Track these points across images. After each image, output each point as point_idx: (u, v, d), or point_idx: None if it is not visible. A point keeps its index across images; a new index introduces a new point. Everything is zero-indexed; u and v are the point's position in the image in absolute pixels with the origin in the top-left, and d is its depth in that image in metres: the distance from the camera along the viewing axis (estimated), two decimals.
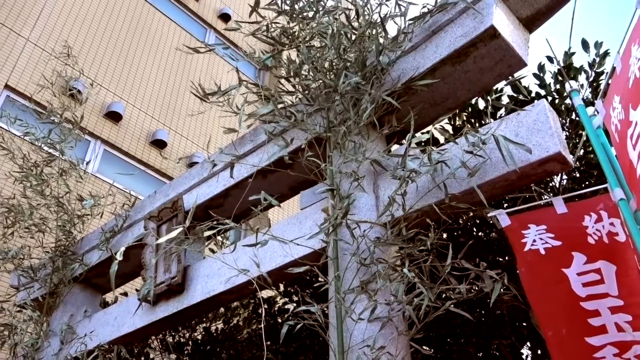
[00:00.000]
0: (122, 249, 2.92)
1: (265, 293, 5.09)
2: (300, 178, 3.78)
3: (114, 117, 9.85)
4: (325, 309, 2.89)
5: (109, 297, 6.05)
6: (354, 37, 3.53)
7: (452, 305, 2.71)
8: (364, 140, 3.30)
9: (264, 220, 3.16)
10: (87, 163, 7.46)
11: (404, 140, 3.69)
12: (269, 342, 5.34)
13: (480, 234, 3.93)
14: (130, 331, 4.33)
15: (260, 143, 3.94)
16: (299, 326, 2.83)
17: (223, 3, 13.51)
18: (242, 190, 4.07)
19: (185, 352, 5.18)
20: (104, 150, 9.62)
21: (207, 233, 2.78)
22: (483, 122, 4.17)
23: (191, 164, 10.58)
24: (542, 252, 2.61)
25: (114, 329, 4.43)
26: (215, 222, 3.05)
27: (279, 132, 3.66)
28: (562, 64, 3.93)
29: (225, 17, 13.18)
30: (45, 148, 5.42)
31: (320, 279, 2.99)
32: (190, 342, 5.27)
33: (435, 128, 3.23)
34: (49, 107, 5.56)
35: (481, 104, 4.22)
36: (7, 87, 8.77)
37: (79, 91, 6.76)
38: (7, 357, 4.90)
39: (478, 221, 4.01)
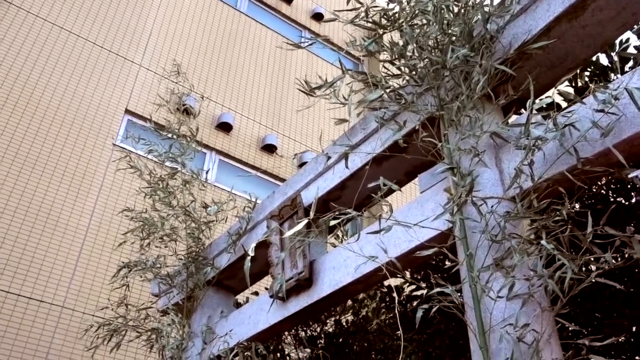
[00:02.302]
0: (253, 245, 3.01)
1: (391, 282, 5.06)
2: (416, 161, 3.71)
3: (225, 127, 10.27)
4: (458, 291, 2.80)
5: (240, 298, 6.29)
6: (456, 9, 3.40)
7: (598, 277, 2.52)
8: (480, 114, 3.16)
9: (385, 207, 3.11)
10: (207, 172, 7.81)
11: (522, 110, 3.52)
12: (399, 332, 5.30)
13: (619, 199, 3.65)
14: (265, 328, 4.46)
15: (371, 131, 3.91)
16: (433, 310, 2.76)
17: (315, 3, 13.66)
18: (357, 180, 4.06)
19: (319, 345, 5.27)
20: (219, 160, 10.06)
21: (332, 222, 2.79)
22: (608, 79, 3.86)
23: (302, 164, 10.80)
24: None
25: (250, 327, 4.59)
26: (337, 213, 3.06)
27: (390, 117, 3.61)
28: None
29: (318, 17, 13.33)
30: (168, 163, 5.73)
31: (448, 262, 2.91)
32: (322, 336, 5.36)
33: (557, 92, 3.04)
34: (167, 125, 5.88)
35: (604, 60, 3.91)
36: (127, 111, 9.44)
37: (191, 106, 7.12)
38: (157, 359, 5.26)
39: (613, 186, 3.71)
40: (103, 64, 9.58)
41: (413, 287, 4.71)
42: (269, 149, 10.63)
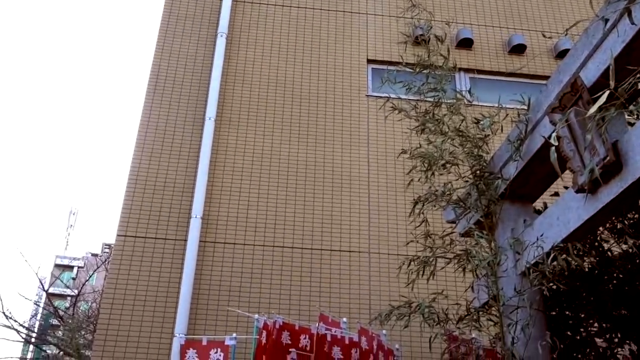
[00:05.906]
0: (553, 134, 2.81)
1: None
2: None
3: (466, 43, 9.91)
4: None
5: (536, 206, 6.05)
6: None
7: None
8: None
9: None
10: (469, 91, 7.58)
11: None
12: None
13: None
14: (578, 226, 4.20)
15: None
16: None
17: None
18: None
19: None
20: (470, 78, 9.76)
21: None
22: None
23: (559, 54, 9.86)
24: None
25: (561, 228, 4.38)
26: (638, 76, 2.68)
27: None
28: None
29: None
30: (429, 94, 5.72)
31: None
32: None
33: None
34: (415, 60, 5.87)
35: None
36: (369, 61, 9.74)
37: (435, 35, 6.88)
38: (472, 280, 5.38)
39: None
40: (334, 24, 10.01)
41: None
42: (518, 49, 9.92)
